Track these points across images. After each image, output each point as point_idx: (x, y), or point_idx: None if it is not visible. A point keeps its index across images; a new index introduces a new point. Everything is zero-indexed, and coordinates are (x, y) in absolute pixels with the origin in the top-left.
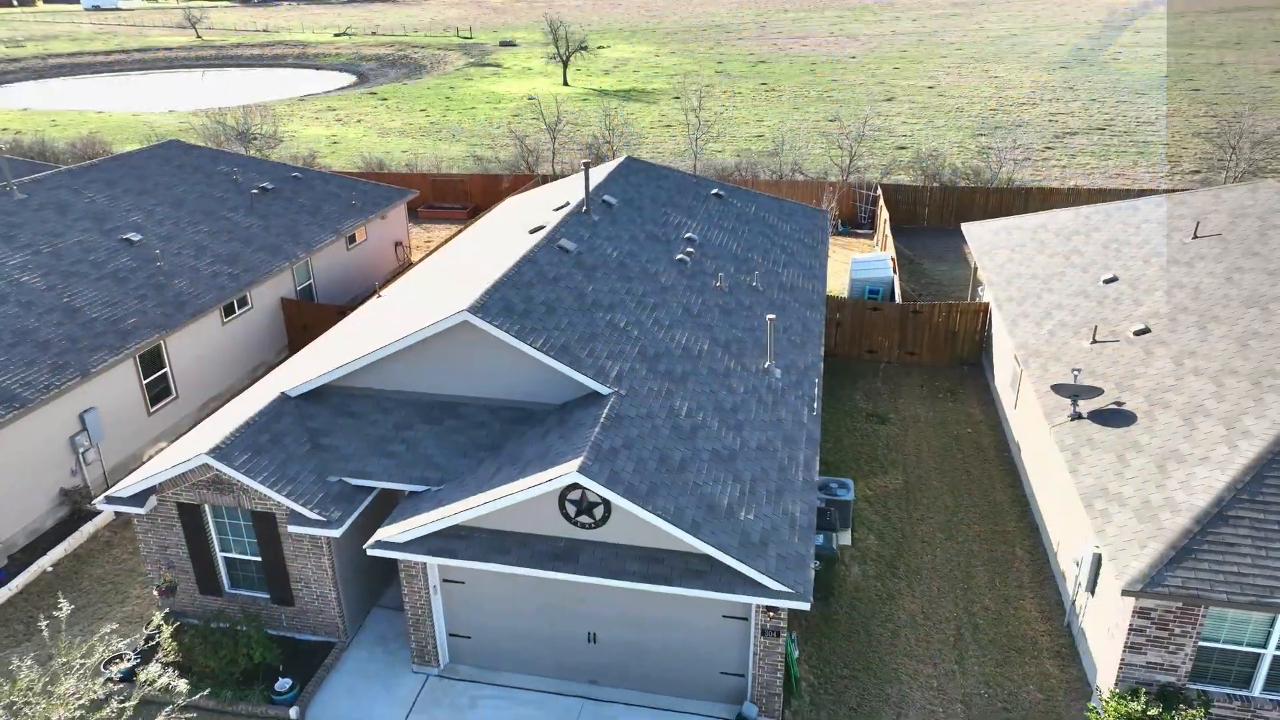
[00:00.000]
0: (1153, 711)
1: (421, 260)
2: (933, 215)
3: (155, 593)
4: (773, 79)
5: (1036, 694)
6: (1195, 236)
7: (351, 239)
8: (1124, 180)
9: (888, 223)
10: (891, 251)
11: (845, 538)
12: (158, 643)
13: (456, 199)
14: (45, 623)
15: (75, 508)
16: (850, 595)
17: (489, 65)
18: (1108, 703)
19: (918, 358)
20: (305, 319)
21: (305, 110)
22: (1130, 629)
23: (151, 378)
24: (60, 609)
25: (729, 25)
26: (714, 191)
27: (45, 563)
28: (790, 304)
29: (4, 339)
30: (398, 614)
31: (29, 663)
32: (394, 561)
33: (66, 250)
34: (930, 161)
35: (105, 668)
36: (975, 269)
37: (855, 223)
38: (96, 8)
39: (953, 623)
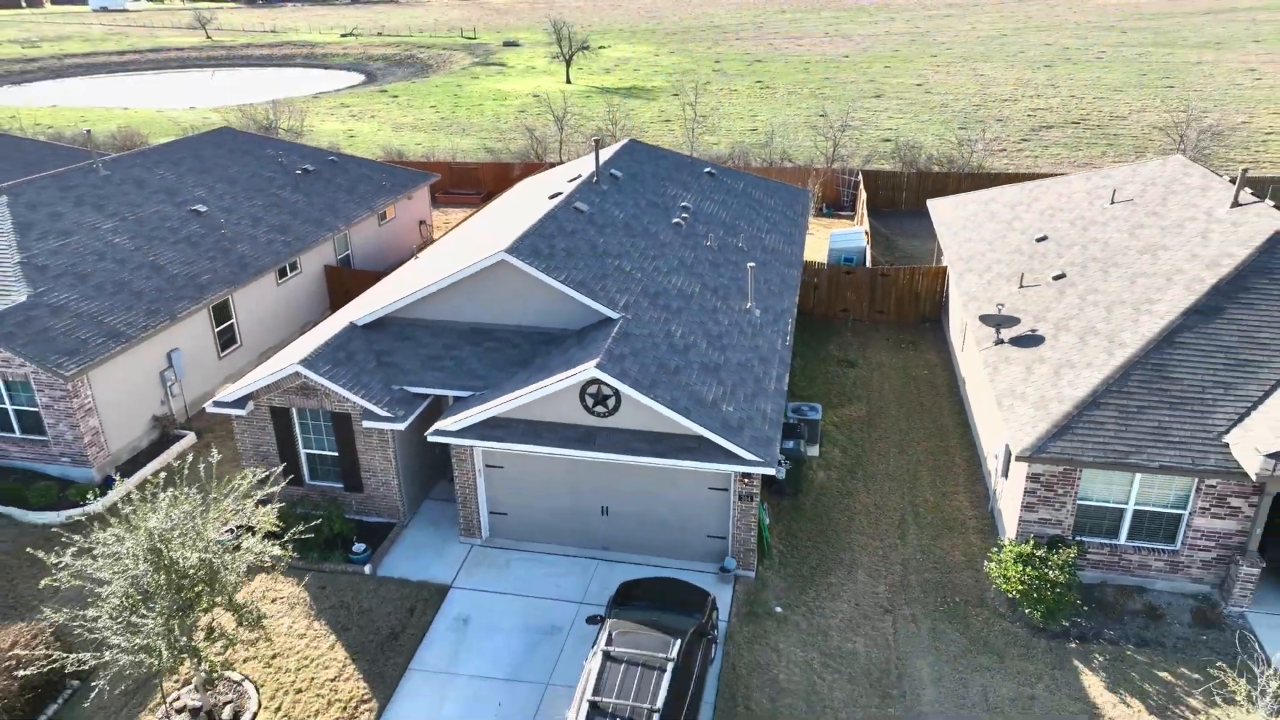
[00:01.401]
0: (1039, 551)
1: (444, 235)
2: (909, 199)
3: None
4: (768, 77)
5: (960, 557)
6: (1112, 202)
7: (382, 216)
8: (1090, 169)
9: (865, 203)
10: (866, 226)
11: (814, 450)
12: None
13: (471, 186)
14: (203, 463)
15: (164, 432)
16: (816, 492)
17: (494, 64)
18: (1007, 549)
19: (885, 316)
20: (346, 284)
21: (320, 107)
22: (1025, 491)
23: (221, 327)
24: (213, 455)
25: (727, 26)
26: (707, 170)
27: (146, 472)
28: (771, 262)
29: (106, 288)
30: (444, 504)
31: (189, 491)
32: (440, 462)
33: (147, 218)
34: (908, 150)
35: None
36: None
37: (838, 205)
38: (104, 9)
39: (898, 511)
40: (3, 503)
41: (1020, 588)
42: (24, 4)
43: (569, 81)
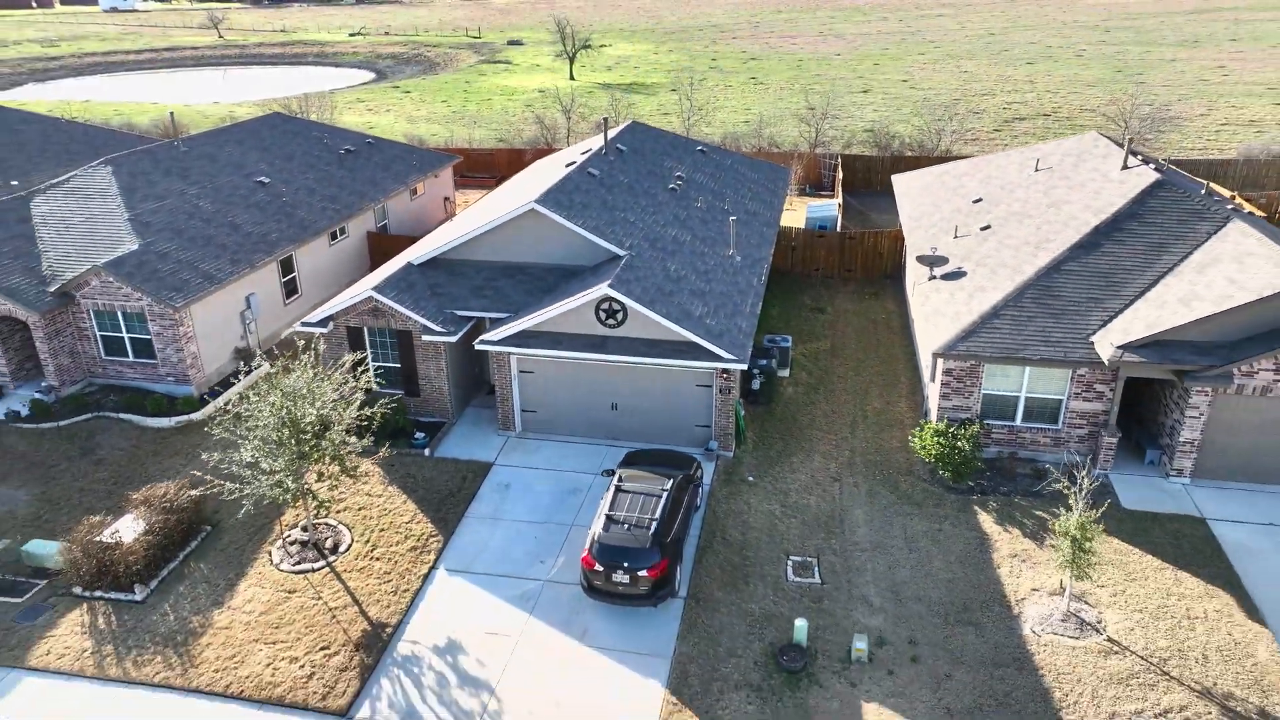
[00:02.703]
0: (951, 429)
1: (470, 207)
2: (884, 180)
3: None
4: (762, 74)
5: (896, 445)
6: (1036, 170)
7: (414, 191)
8: None
9: (843, 183)
10: (840, 200)
11: (785, 371)
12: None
13: (487, 169)
14: (311, 350)
15: (244, 361)
16: (785, 402)
17: (499, 62)
18: (927, 427)
19: (853, 273)
20: (384, 247)
21: (337, 102)
22: (942, 383)
23: (286, 278)
24: (320, 345)
25: (724, 25)
26: (699, 148)
27: (232, 393)
28: (751, 222)
29: (198, 241)
30: (482, 410)
31: (301, 372)
32: (477, 380)
33: (222, 186)
34: (884, 137)
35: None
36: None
37: (820, 185)
38: (114, 9)
39: (851, 415)
40: (127, 411)
41: (935, 453)
42: (34, 4)
43: (572, 78)
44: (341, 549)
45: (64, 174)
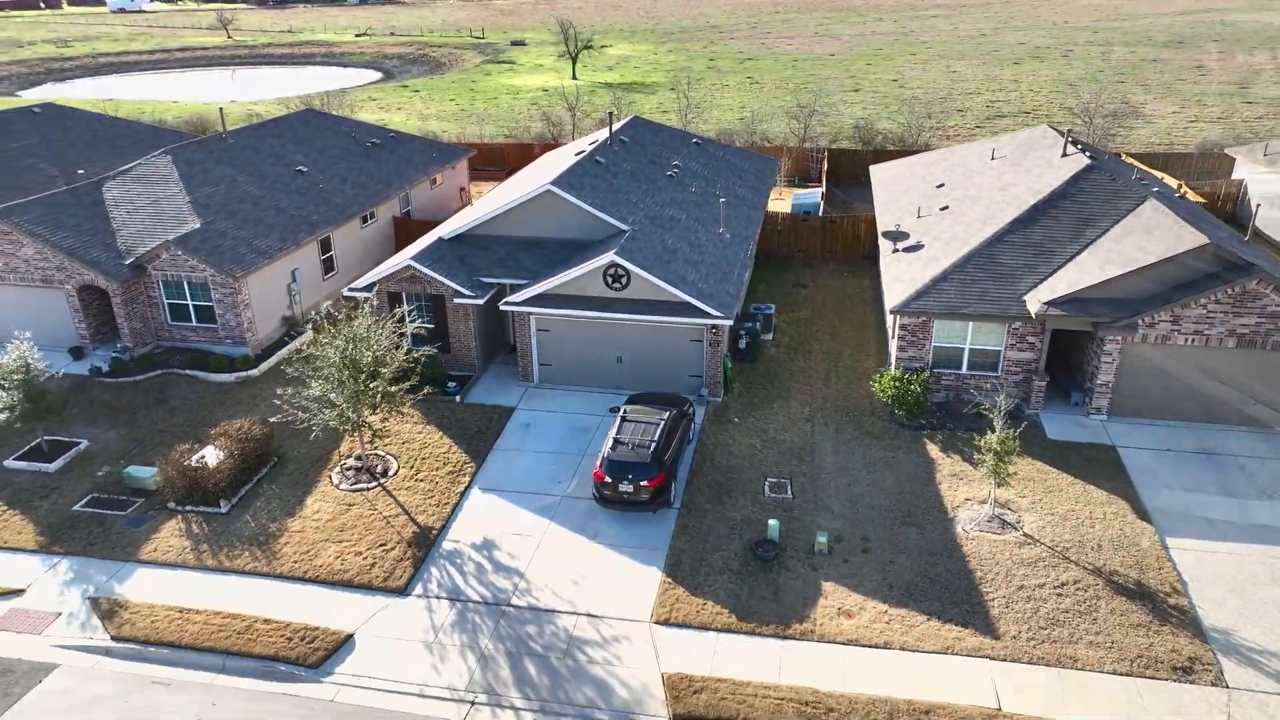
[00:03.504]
0: (906, 375)
1: (486, 195)
2: (866, 173)
3: None
4: (758, 73)
5: (862, 393)
6: (992, 159)
7: (433, 181)
8: None
9: (828, 175)
10: (823, 189)
11: (768, 335)
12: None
13: (497, 163)
14: (362, 308)
15: (290, 328)
16: (767, 360)
17: (504, 62)
18: (886, 374)
19: (834, 254)
20: (408, 230)
21: (349, 100)
22: (898, 337)
23: (325, 256)
24: (372, 303)
25: (723, 26)
26: (695, 141)
27: (281, 354)
28: (741, 205)
29: (250, 221)
30: (504, 367)
31: (362, 320)
32: (499, 343)
33: (266, 174)
34: (868, 132)
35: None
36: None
37: (808, 177)
38: (122, 10)
39: (825, 371)
40: (193, 368)
41: (891, 394)
42: (42, 4)
43: (575, 77)
44: (390, 473)
45: (117, 165)
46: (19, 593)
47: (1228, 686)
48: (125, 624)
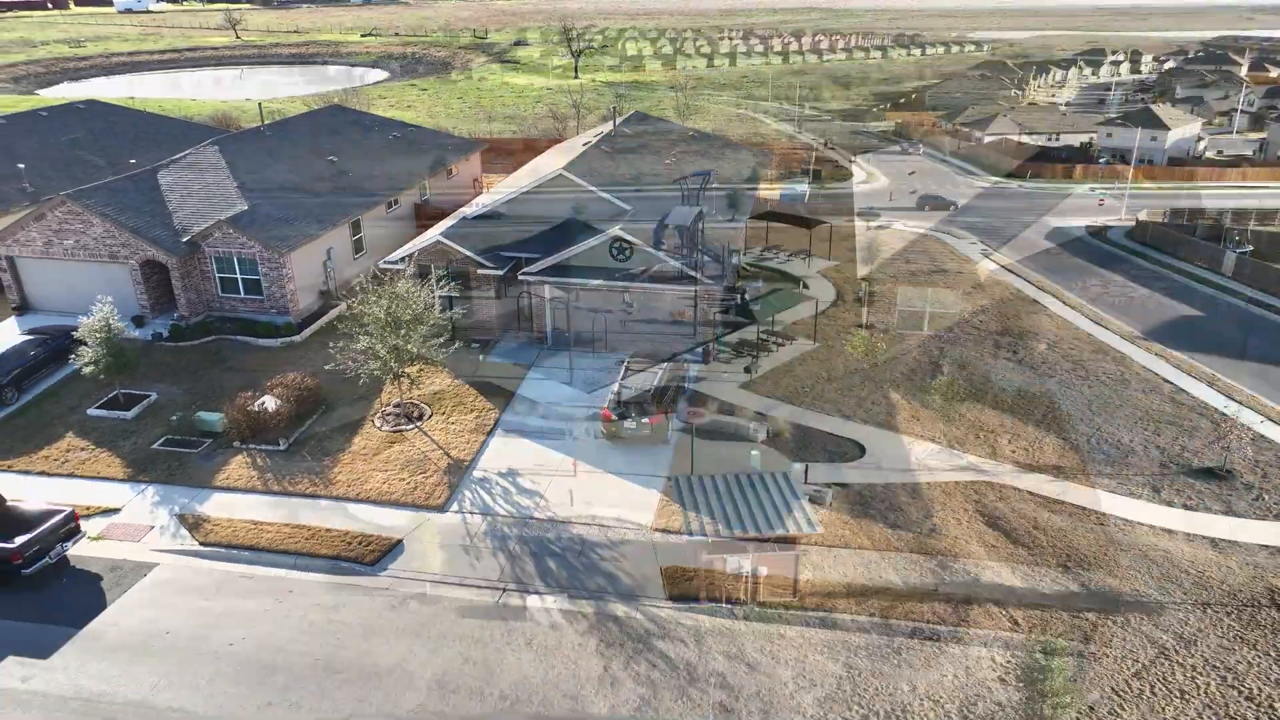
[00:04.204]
0: (874, 337)
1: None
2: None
3: None
4: (754, 73)
5: (837, 351)
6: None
7: (450, 171)
8: None
9: (814, 170)
10: (809, 181)
11: (755, 305)
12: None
13: (504, 156)
14: (397, 272)
15: (326, 301)
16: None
17: (507, 61)
18: (857, 334)
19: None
20: (428, 215)
21: (362, 98)
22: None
23: (355, 238)
24: (406, 270)
25: (723, 26)
26: (691, 133)
27: (319, 324)
28: (732, 190)
29: (290, 205)
30: (520, 332)
31: (403, 282)
32: (513, 314)
33: (302, 163)
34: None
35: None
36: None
37: (800, 170)
38: (129, 10)
39: (802, 334)
40: (243, 334)
41: (860, 349)
42: (50, 4)
43: (577, 76)
44: (425, 418)
45: (159, 156)
46: (116, 510)
47: None
48: (210, 533)
